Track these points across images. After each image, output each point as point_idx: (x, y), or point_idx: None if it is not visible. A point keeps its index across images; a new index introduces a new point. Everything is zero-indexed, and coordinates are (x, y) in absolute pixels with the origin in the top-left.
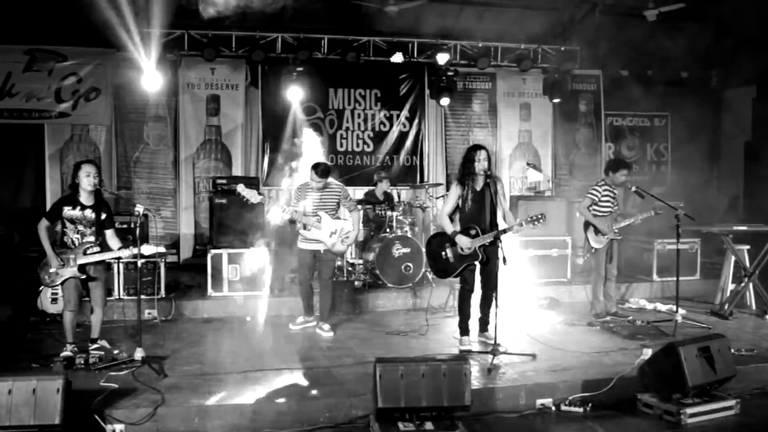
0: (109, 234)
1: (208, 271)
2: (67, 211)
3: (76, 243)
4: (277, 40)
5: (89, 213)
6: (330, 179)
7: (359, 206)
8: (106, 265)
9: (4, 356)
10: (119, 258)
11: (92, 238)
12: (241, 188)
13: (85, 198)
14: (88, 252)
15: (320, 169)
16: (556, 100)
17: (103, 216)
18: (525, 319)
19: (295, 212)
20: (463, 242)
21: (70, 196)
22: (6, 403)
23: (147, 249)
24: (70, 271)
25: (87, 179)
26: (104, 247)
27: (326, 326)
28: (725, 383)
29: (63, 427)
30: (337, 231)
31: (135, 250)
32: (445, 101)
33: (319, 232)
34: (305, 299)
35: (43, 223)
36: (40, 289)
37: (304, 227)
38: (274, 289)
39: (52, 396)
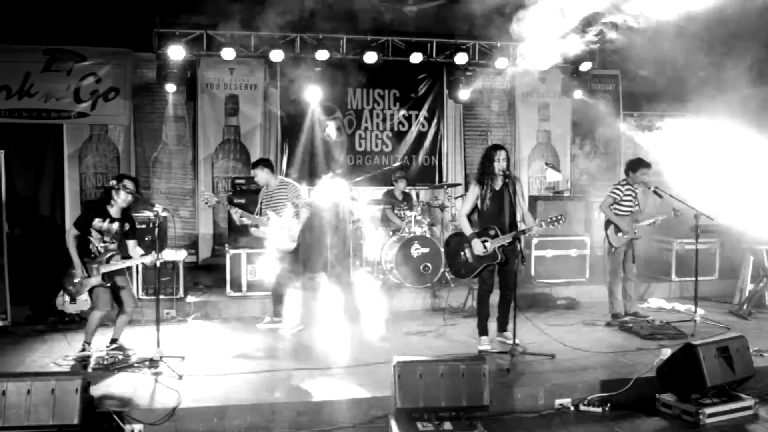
0: (132, 244)
1: (226, 271)
2: (98, 222)
3: (101, 251)
4: (295, 40)
5: (116, 225)
6: (281, 178)
7: (309, 205)
8: (128, 269)
9: (22, 356)
10: (142, 263)
11: (114, 249)
12: (203, 190)
13: (114, 211)
14: (111, 261)
15: (256, 162)
16: (578, 96)
17: (127, 227)
18: (544, 318)
19: (238, 211)
20: (477, 248)
21: (101, 208)
22: (25, 403)
23: (168, 254)
24: (95, 280)
25: (127, 197)
26: (126, 257)
27: (275, 323)
28: (744, 383)
29: (82, 427)
30: (284, 228)
31: (154, 257)
32: (463, 100)
33: (266, 229)
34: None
35: (73, 232)
36: (61, 292)
37: (256, 227)
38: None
39: (70, 396)
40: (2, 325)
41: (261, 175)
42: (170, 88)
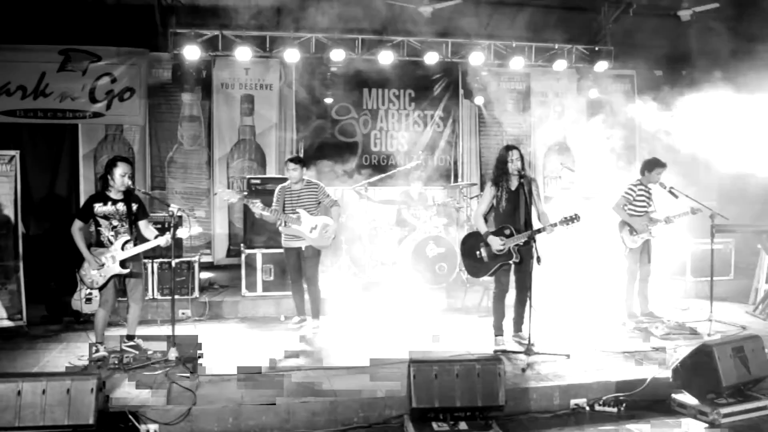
0: (143, 224)
1: (242, 270)
2: (99, 207)
3: (112, 240)
4: (311, 40)
5: (121, 206)
6: (308, 177)
7: (338, 202)
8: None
9: (38, 356)
10: (158, 247)
11: (127, 236)
12: (219, 190)
13: (114, 194)
14: (126, 247)
15: (296, 158)
16: (593, 96)
17: (135, 207)
18: (559, 318)
19: (272, 211)
20: (495, 243)
21: (99, 193)
22: (40, 403)
23: (182, 232)
24: (113, 269)
25: (122, 179)
26: (140, 240)
27: (315, 323)
28: (759, 383)
29: (97, 427)
30: (317, 226)
31: (169, 236)
32: (479, 100)
33: (299, 227)
34: (296, 299)
35: (77, 225)
36: (79, 289)
37: (284, 224)
38: None
39: (85, 396)
40: (18, 325)
41: (298, 172)
42: (185, 88)
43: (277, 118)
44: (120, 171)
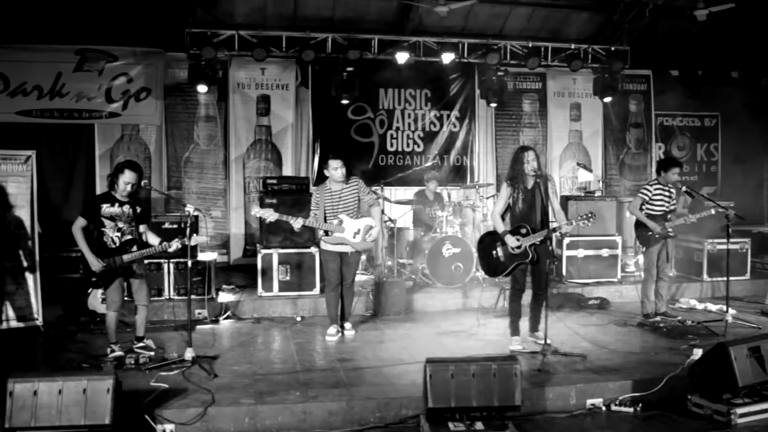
0: (143, 228)
1: (258, 271)
2: (106, 208)
3: (116, 242)
4: (327, 40)
5: (127, 208)
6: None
7: (379, 200)
8: (156, 265)
9: (54, 356)
10: (166, 252)
11: (131, 236)
12: (254, 211)
13: (119, 196)
14: (132, 249)
15: (340, 157)
16: (608, 99)
17: (138, 210)
18: (575, 319)
19: (315, 221)
20: (511, 242)
21: (107, 194)
22: (56, 403)
23: (195, 240)
24: (120, 269)
25: (125, 186)
26: (143, 244)
27: (348, 324)
28: None
29: (113, 427)
30: (360, 230)
31: (178, 243)
32: (495, 100)
33: (342, 235)
34: (334, 306)
35: (80, 223)
36: (90, 289)
37: (326, 233)
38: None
39: (102, 396)
40: (34, 325)
41: (341, 171)
42: (202, 88)
43: (293, 118)
44: (125, 178)
